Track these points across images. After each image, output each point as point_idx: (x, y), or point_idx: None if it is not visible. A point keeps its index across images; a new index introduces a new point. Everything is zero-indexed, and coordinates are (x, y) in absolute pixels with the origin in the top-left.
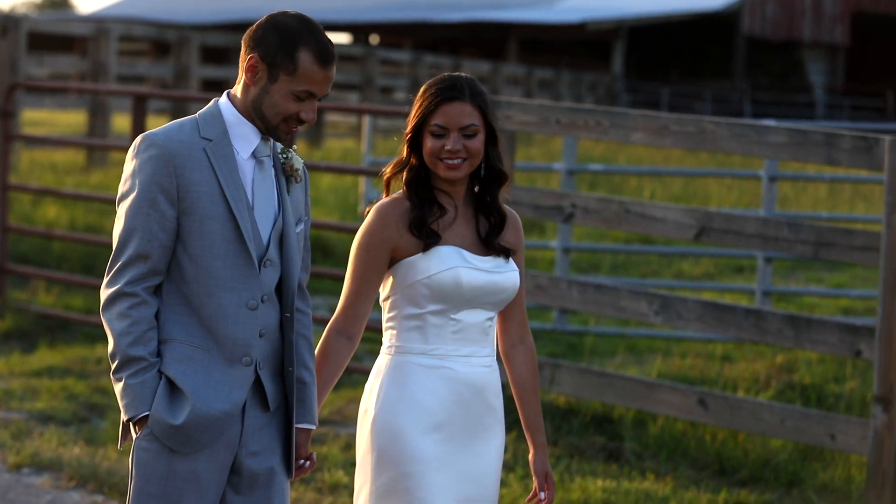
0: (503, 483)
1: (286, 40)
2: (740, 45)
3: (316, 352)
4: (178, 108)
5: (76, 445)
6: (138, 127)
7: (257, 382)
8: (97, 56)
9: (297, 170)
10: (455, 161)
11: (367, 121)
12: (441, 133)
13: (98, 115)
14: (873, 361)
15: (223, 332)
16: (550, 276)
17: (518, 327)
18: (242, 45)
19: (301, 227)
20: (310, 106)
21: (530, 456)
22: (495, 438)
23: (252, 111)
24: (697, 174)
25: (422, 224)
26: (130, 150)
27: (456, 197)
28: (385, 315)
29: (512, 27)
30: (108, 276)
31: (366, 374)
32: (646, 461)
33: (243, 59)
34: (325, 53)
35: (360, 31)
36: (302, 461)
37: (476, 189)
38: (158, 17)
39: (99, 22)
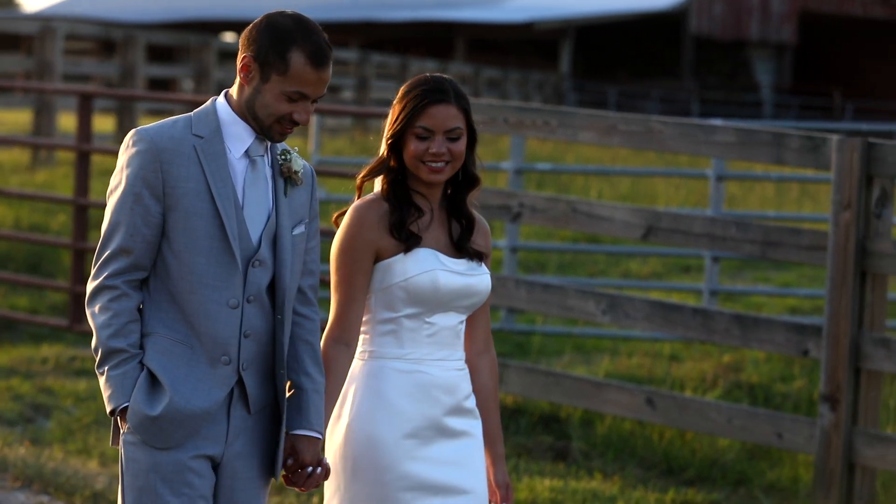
0: None
1: (278, 40)
2: (688, 44)
3: None
4: (123, 107)
5: (21, 446)
6: (84, 126)
7: (241, 383)
8: (42, 55)
9: (296, 172)
10: (438, 164)
11: (314, 120)
12: (426, 135)
13: (43, 114)
14: (820, 360)
15: (204, 329)
16: (498, 275)
17: (483, 336)
18: (239, 44)
19: (301, 229)
20: (303, 107)
21: (488, 467)
22: (468, 442)
23: (246, 111)
24: (645, 173)
25: (402, 226)
26: (122, 144)
27: (432, 200)
28: None
29: (459, 26)
30: (93, 270)
31: None
32: (593, 460)
33: (239, 59)
34: (319, 54)
35: None
36: (310, 469)
37: (448, 192)
38: (104, 15)
39: (44, 20)
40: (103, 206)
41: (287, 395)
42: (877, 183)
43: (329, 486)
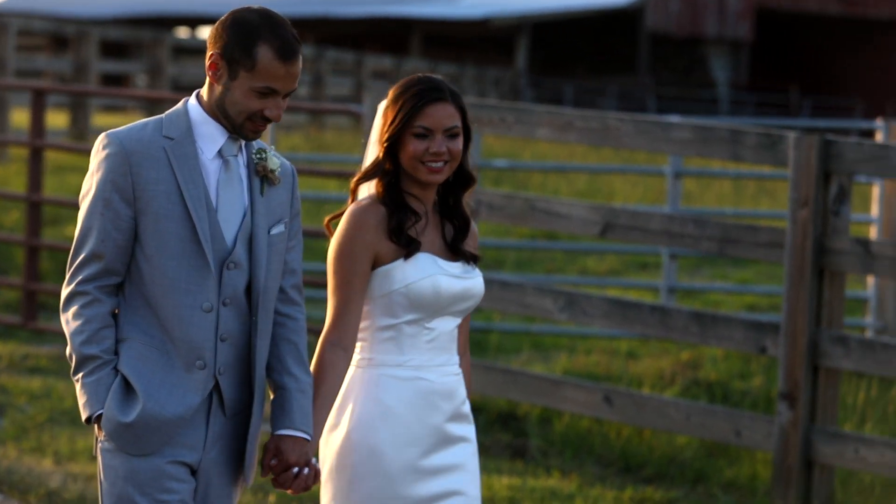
0: None
1: (244, 36)
2: (644, 41)
3: (311, 368)
4: (77, 103)
5: None
6: (37, 121)
7: (217, 388)
8: None
9: (272, 171)
10: (438, 164)
11: None
12: (425, 134)
13: None
14: (778, 358)
15: (178, 334)
16: None
17: (463, 339)
18: (207, 43)
19: (280, 229)
20: (274, 103)
21: None
22: (466, 448)
23: (217, 110)
24: (602, 170)
25: (401, 231)
26: (93, 148)
27: (426, 202)
28: None
29: (415, 22)
30: (66, 276)
31: None
32: (551, 458)
33: (207, 58)
34: (286, 48)
35: None
36: (296, 469)
37: (441, 192)
38: (57, 10)
39: None
40: (57, 202)
41: (272, 396)
42: (834, 180)
43: (325, 495)
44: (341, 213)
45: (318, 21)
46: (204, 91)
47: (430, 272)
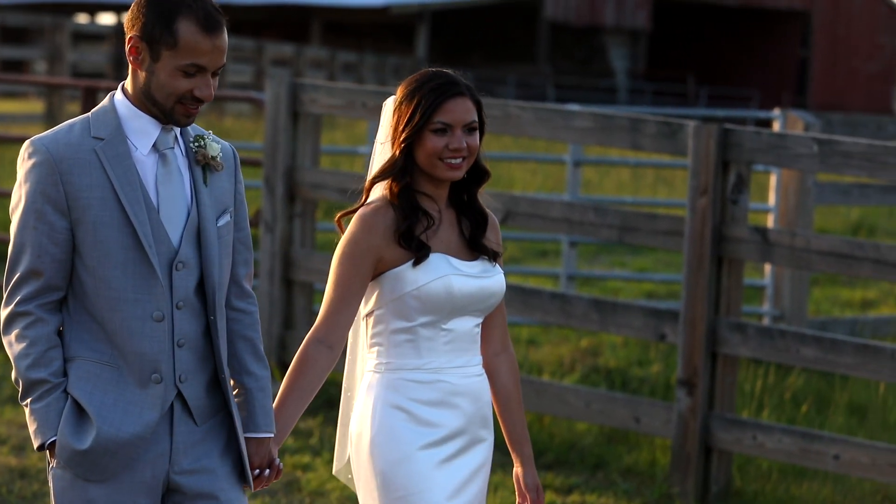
0: None
1: (163, 13)
2: (543, 29)
3: (293, 361)
4: None
5: None
6: None
7: (181, 397)
8: None
9: (213, 157)
10: (457, 160)
11: None
12: (444, 130)
13: None
14: (677, 345)
15: (129, 347)
16: None
17: (500, 335)
18: (124, 28)
19: (226, 219)
20: (203, 81)
21: (517, 470)
22: (486, 451)
23: (145, 98)
24: (502, 158)
25: (411, 235)
26: (19, 158)
27: (439, 201)
28: (369, 331)
29: (315, 10)
30: (4, 295)
31: None
32: None
33: (126, 44)
34: (209, 20)
35: None
36: (258, 471)
37: (454, 188)
38: None
39: None
40: None
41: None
42: (733, 169)
43: (364, 501)
44: (353, 211)
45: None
46: (128, 82)
47: (441, 273)
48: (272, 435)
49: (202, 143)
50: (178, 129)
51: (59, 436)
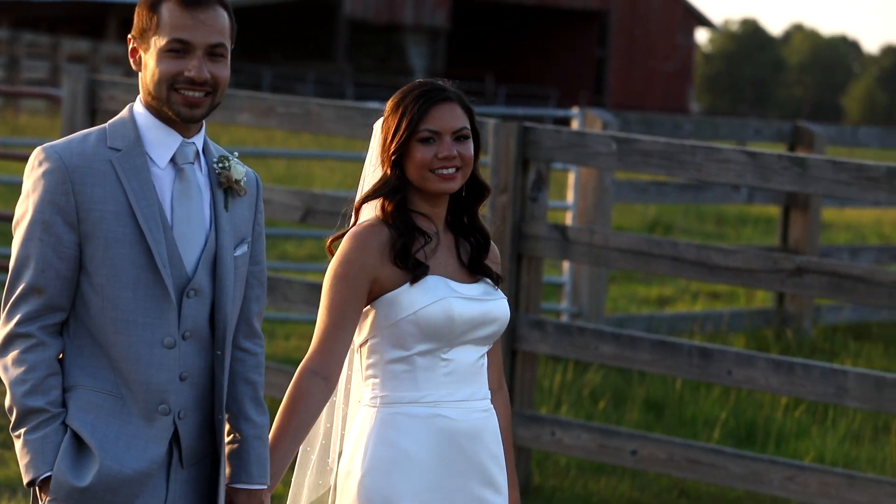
0: None
1: (149, 4)
2: (342, 27)
3: (285, 396)
4: None
5: None
6: None
7: (176, 435)
8: None
9: (237, 181)
10: (449, 171)
11: None
12: (432, 138)
13: None
14: None
15: (135, 375)
16: None
17: (495, 371)
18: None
19: (244, 249)
20: (193, 63)
21: None
22: (502, 491)
23: (150, 100)
24: (302, 156)
25: (407, 254)
26: (27, 166)
27: (436, 220)
28: (364, 362)
29: (111, 6)
30: (2, 314)
31: None
32: None
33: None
34: None
35: None
36: None
37: (452, 208)
38: None
39: None
40: None
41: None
42: (532, 167)
43: None
44: (343, 234)
45: (13, 4)
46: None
47: (440, 296)
48: (265, 487)
49: (226, 164)
50: (201, 145)
51: (56, 471)
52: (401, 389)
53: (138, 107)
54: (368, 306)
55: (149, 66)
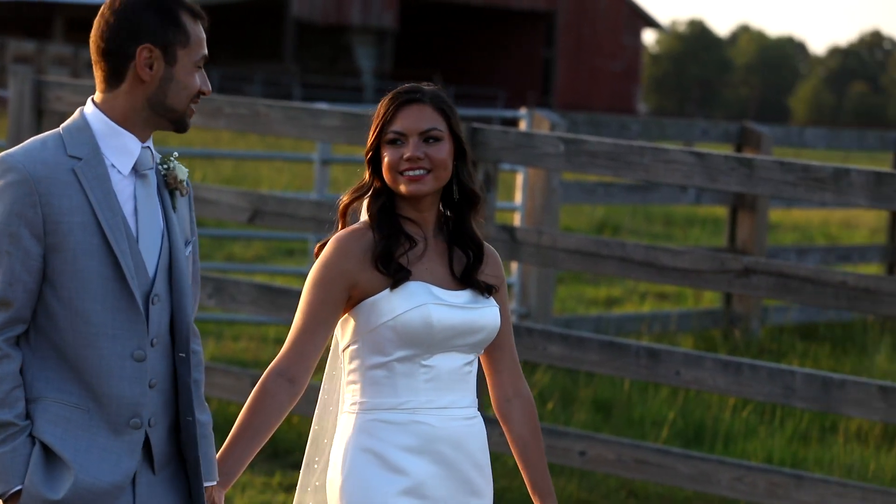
0: None
1: (165, 13)
2: (289, 28)
3: (250, 396)
4: None
5: None
6: None
7: (146, 443)
8: None
9: (181, 181)
10: (417, 172)
11: None
12: (398, 139)
13: None
14: None
15: (106, 389)
16: None
17: (510, 378)
18: (97, 52)
19: (189, 249)
20: (203, 74)
21: None
22: (485, 498)
23: (149, 111)
24: (249, 157)
25: (389, 258)
26: None
27: (424, 226)
28: (346, 368)
29: (57, 6)
30: None
31: None
32: None
33: (140, 58)
34: (195, 8)
35: None
36: None
37: (448, 215)
38: None
39: None
40: None
41: None
42: (480, 167)
43: None
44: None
45: None
46: (107, 98)
47: (419, 302)
48: (214, 483)
49: (170, 165)
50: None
51: (28, 484)
52: (380, 395)
53: (92, 111)
54: (351, 311)
55: (177, 78)
